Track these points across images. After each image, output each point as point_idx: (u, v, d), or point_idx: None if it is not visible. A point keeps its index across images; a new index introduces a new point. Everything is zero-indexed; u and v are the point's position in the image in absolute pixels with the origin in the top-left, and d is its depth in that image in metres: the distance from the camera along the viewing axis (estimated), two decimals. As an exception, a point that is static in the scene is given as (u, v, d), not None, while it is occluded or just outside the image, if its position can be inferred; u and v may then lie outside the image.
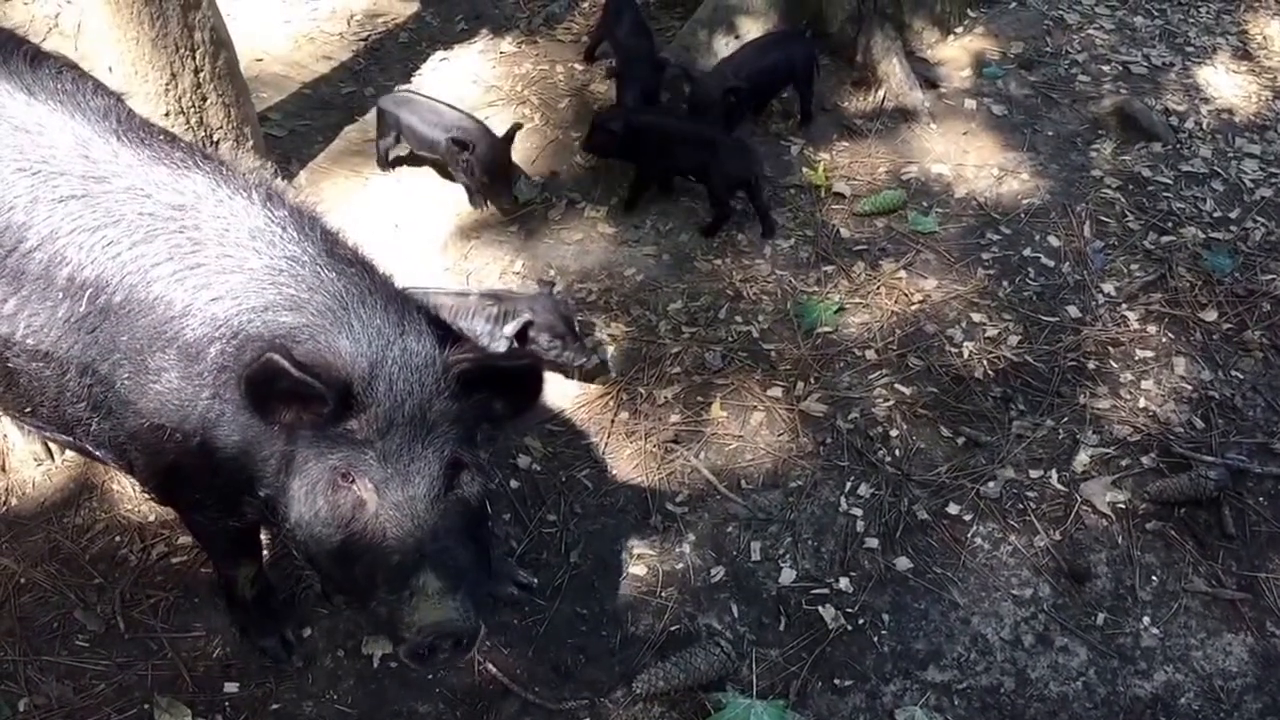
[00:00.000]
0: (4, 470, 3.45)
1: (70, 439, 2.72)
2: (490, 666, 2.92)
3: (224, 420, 2.34)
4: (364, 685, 2.93)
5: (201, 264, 2.33)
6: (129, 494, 3.37)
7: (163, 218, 2.38)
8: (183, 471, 2.49)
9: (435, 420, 2.18)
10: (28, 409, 2.65)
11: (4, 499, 3.37)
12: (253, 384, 2.06)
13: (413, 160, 4.52)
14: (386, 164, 4.56)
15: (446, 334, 2.36)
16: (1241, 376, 3.69)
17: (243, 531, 2.74)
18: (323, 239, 2.42)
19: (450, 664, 2.32)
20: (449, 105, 4.43)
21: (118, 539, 3.26)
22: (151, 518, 3.32)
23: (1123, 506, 3.29)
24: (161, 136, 2.63)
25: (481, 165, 4.21)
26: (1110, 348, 3.81)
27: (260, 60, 5.14)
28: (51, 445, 3.46)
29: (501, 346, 3.53)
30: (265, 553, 2.99)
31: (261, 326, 2.26)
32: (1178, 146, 4.68)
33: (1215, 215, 4.34)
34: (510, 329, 3.48)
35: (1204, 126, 4.80)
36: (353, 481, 2.18)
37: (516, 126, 4.35)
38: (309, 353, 2.17)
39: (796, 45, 4.75)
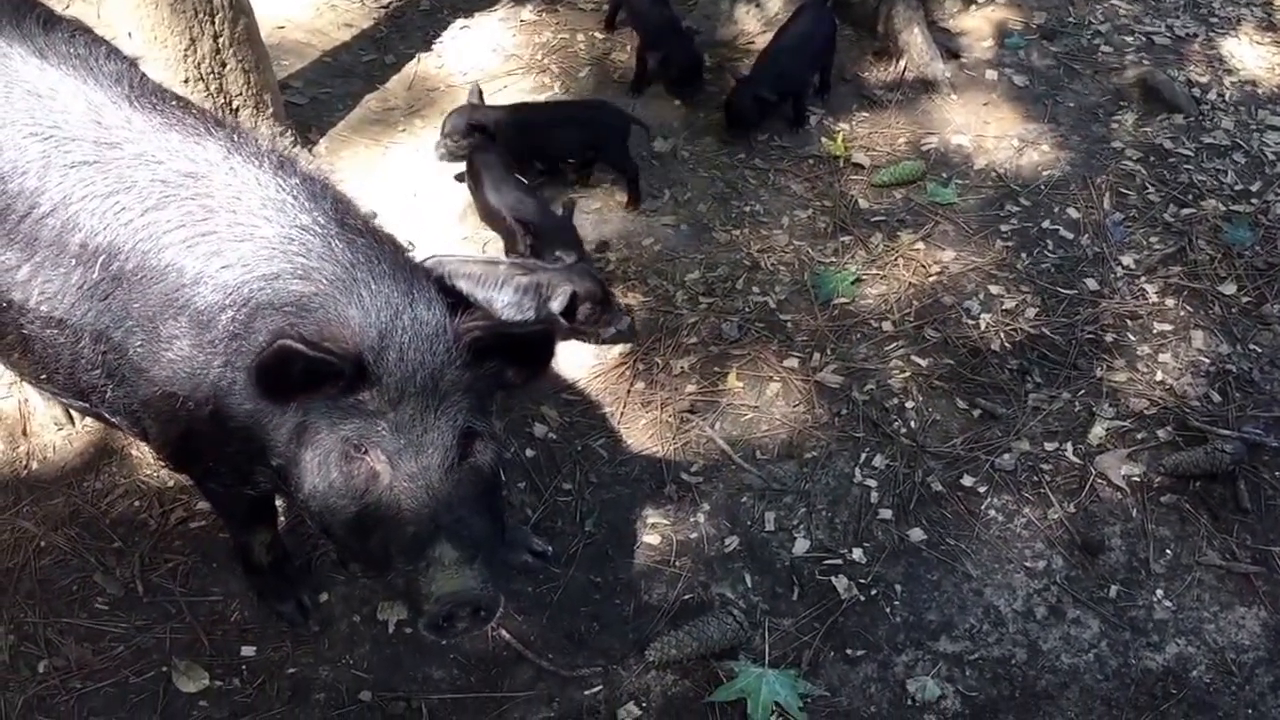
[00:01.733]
0: (25, 435, 3.49)
1: (86, 405, 2.73)
2: (504, 633, 2.94)
3: (235, 389, 2.33)
4: (379, 650, 2.96)
5: (213, 231, 2.32)
6: (148, 459, 3.39)
7: (174, 184, 2.37)
8: (195, 440, 2.50)
9: (447, 389, 2.17)
10: (43, 375, 2.66)
11: (25, 463, 3.40)
12: (265, 371, 2.05)
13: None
14: None
15: (457, 302, 2.35)
16: (1260, 350, 3.66)
17: (257, 499, 2.74)
18: (334, 208, 2.40)
19: (469, 633, 2.32)
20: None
21: (137, 503, 3.29)
22: (170, 483, 3.34)
23: (1138, 480, 3.28)
24: (174, 102, 2.62)
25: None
26: (1128, 320, 3.79)
27: (282, 28, 5.12)
28: (72, 410, 3.49)
29: (529, 316, 3.52)
30: (280, 519, 3.01)
31: (272, 295, 2.26)
32: (1200, 118, 4.62)
33: (1236, 188, 4.29)
34: (558, 304, 3.47)
35: (1227, 98, 4.74)
36: (365, 453, 2.17)
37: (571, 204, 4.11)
38: (319, 325, 2.17)
39: (826, 19, 4.70)
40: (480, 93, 4.57)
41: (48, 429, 3.48)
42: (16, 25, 2.60)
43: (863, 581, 3.07)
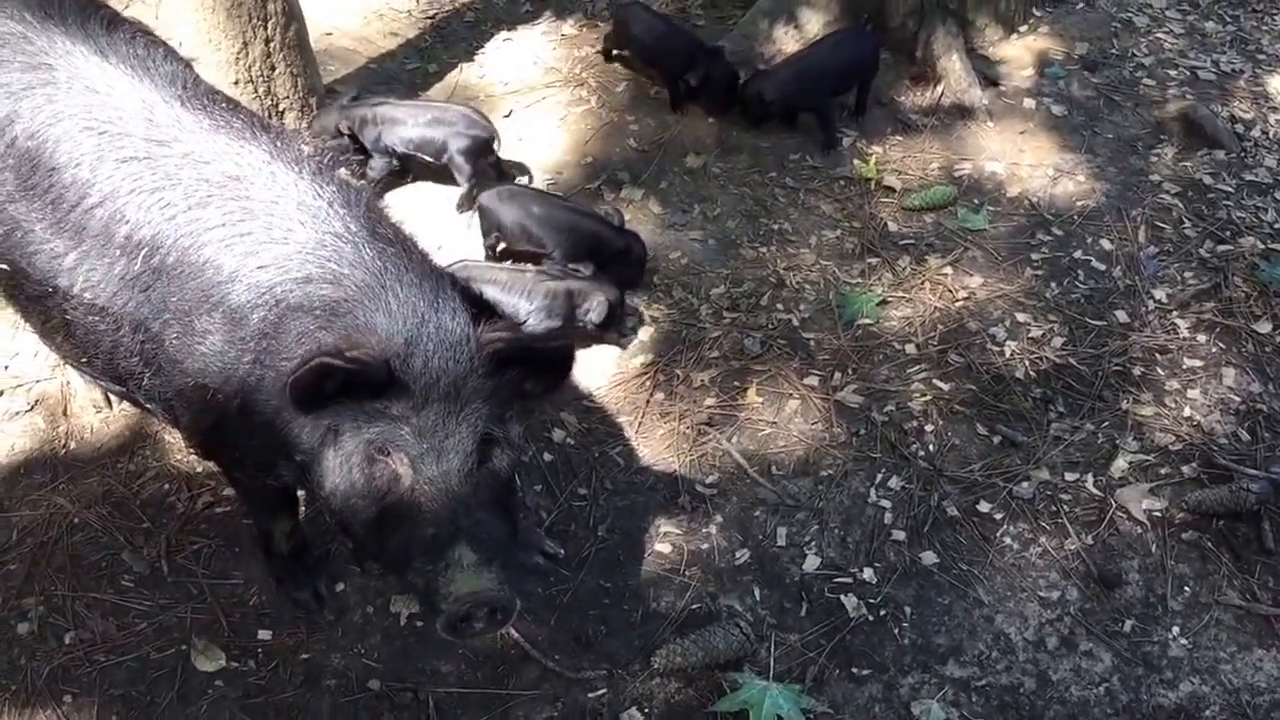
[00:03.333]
0: (66, 415, 3.59)
1: (124, 390, 2.82)
2: (513, 632, 2.98)
3: (263, 386, 2.40)
4: (390, 642, 3.00)
5: (250, 232, 2.40)
6: (179, 445, 3.48)
7: (217, 184, 2.45)
8: (223, 431, 2.57)
9: (469, 396, 2.22)
10: (84, 359, 2.76)
11: (64, 443, 3.50)
12: (301, 386, 2.11)
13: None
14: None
15: (481, 311, 2.41)
16: (1293, 391, 3.62)
17: (280, 489, 2.82)
18: (366, 216, 2.47)
19: (485, 634, 2.37)
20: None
21: (167, 486, 3.37)
22: (199, 469, 3.42)
23: (1159, 515, 3.25)
24: (224, 105, 2.71)
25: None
26: (1157, 355, 3.76)
27: (330, 34, 5.25)
28: (110, 395, 3.59)
29: (559, 323, 3.60)
30: (301, 509, 3.08)
31: (303, 297, 2.33)
32: (1242, 155, 4.59)
33: (1276, 226, 4.26)
34: (596, 315, 3.60)
35: (1271, 135, 4.70)
36: (388, 455, 2.23)
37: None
38: (347, 331, 2.23)
39: (864, 43, 4.74)
40: (356, 94, 4.60)
41: (87, 411, 3.58)
42: (81, 25, 2.71)
43: (872, 601, 3.07)
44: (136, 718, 2.83)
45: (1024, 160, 4.63)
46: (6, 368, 3.72)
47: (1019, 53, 5.21)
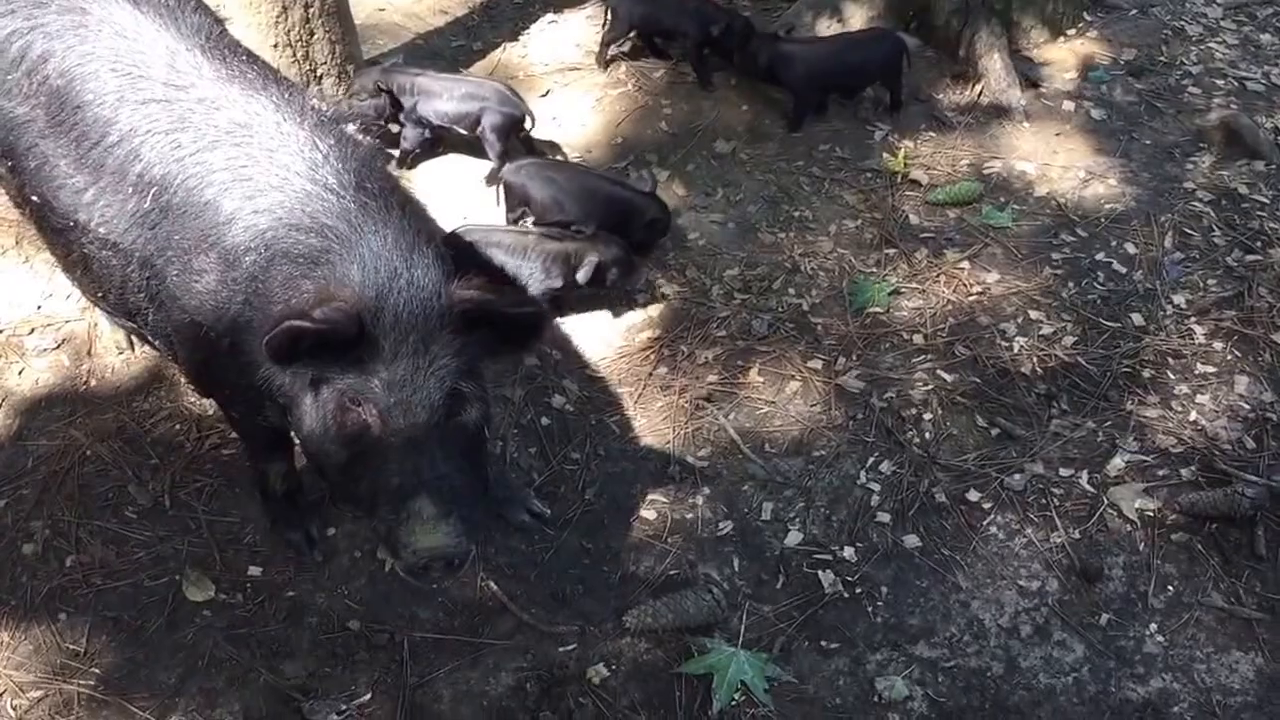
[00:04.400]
0: (90, 355, 3.75)
1: (134, 325, 2.96)
2: (492, 584, 3.04)
3: (251, 328, 2.49)
4: (374, 586, 3.09)
5: (250, 178, 2.50)
6: (193, 387, 3.61)
7: (225, 130, 2.56)
8: (215, 368, 2.69)
9: (438, 352, 2.29)
10: (99, 293, 2.90)
11: (85, 380, 3.66)
12: (276, 348, 2.20)
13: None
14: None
15: (481, 272, 2.46)
16: (1305, 402, 3.54)
17: (275, 431, 2.91)
18: (356, 170, 2.55)
19: (443, 580, 2.56)
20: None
21: (178, 426, 3.50)
22: (210, 411, 3.55)
23: (1151, 514, 3.21)
24: (244, 57, 2.82)
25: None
26: (1170, 359, 3.70)
27: (383, 10, 5.39)
28: (133, 337, 3.74)
29: (558, 283, 3.68)
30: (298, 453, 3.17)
31: (290, 244, 2.42)
32: (1281, 166, 4.49)
33: (1309, 239, 4.15)
34: (583, 275, 3.66)
35: (1315, 149, 4.58)
36: (359, 405, 2.31)
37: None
38: (324, 281, 2.31)
39: (880, 46, 4.75)
40: (400, 58, 4.68)
41: (110, 352, 3.73)
42: None
43: (849, 579, 3.08)
44: (125, 640, 2.95)
45: (1056, 161, 4.58)
46: (40, 307, 3.90)
47: (1064, 56, 5.15)
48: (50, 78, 2.71)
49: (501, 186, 4.14)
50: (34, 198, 2.81)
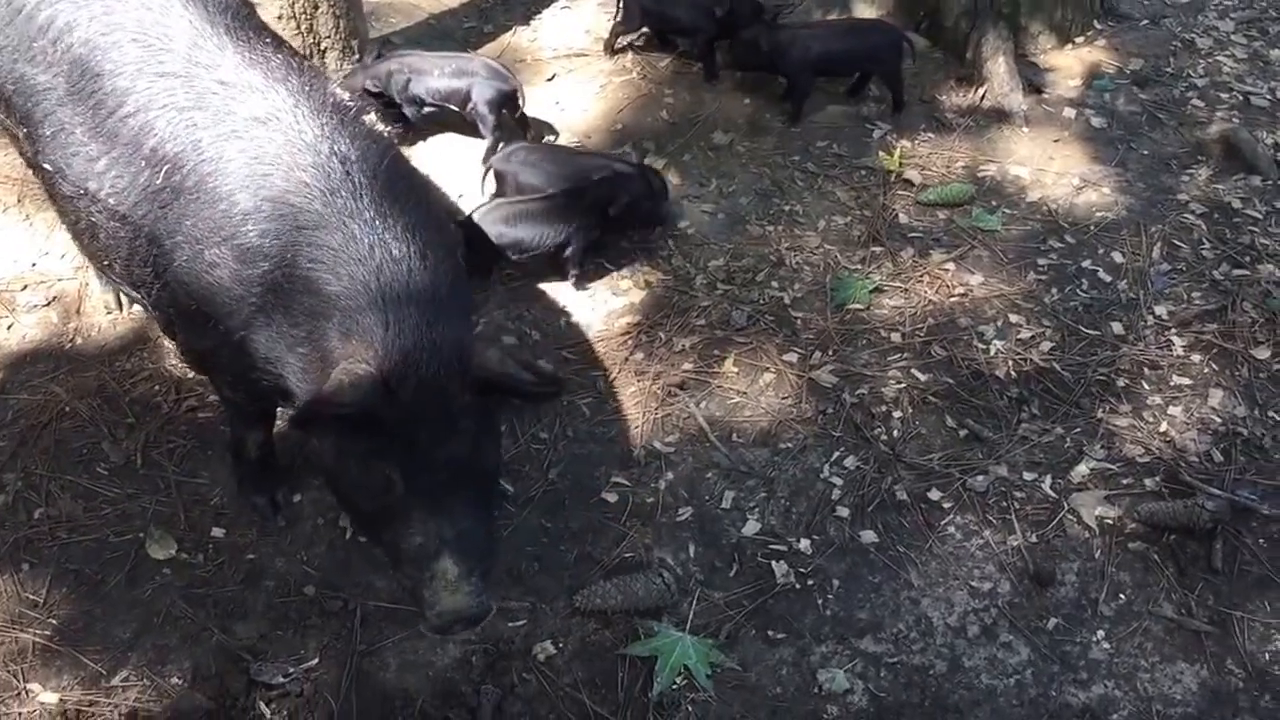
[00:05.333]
0: (78, 314, 3.82)
1: (139, 296, 2.96)
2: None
3: (264, 333, 2.50)
4: (333, 553, 3.14)
5: (269, 175, 2.48)
6: (175, 351, 3.67)
7: (244, 118, 2.54)
8: (218, 358, 2.70)
9: (459, 414, 2.32)
10: (105, 262, 2.91)
11: (71, 338, 3.73)
12: (302, 423, 2.33)
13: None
14: None
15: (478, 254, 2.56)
16: (1278, 418, 3.52)
17: (263, 409, 2.99)
18: (380, 181, 2.51)
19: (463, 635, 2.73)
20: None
21: (157, 387, 3.57)
22: (190, 374, 3.61)
23: (1110, 522, 3.20)
24: (268, 41, 2.80)
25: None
26: (1146, 369, 3.69)
27: (402, -12, 5.43)
28: (122, 298, 3.80)
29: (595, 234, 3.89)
30: (278, 423, 3.21)
31: (311, 272, 2.40)
32: (1279, 183, 4.44)
33: (1300, 256, 4.12)
34: (615, 209, 3.84)
35: (1315, 167, 4.54)
36: (382, 461, 2.31)
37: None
38: (345, 333, 2.33)
39: (876, 35, 4.74)
40: (378, 51, 4.60)
41: (98, 312, 3.81)
42: None
43: (802, 571, 3.09)
44: (85, 593, 3.01)
45: (1051, 167, 4.56)
46: (34, 265, 3.97)
47: (1070, 63, 5.12)
48: (73, 46, 2.70)
49: (492, 174, 4.16)
50: (46, 165, 2.81)
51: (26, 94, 2.79)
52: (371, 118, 2.94)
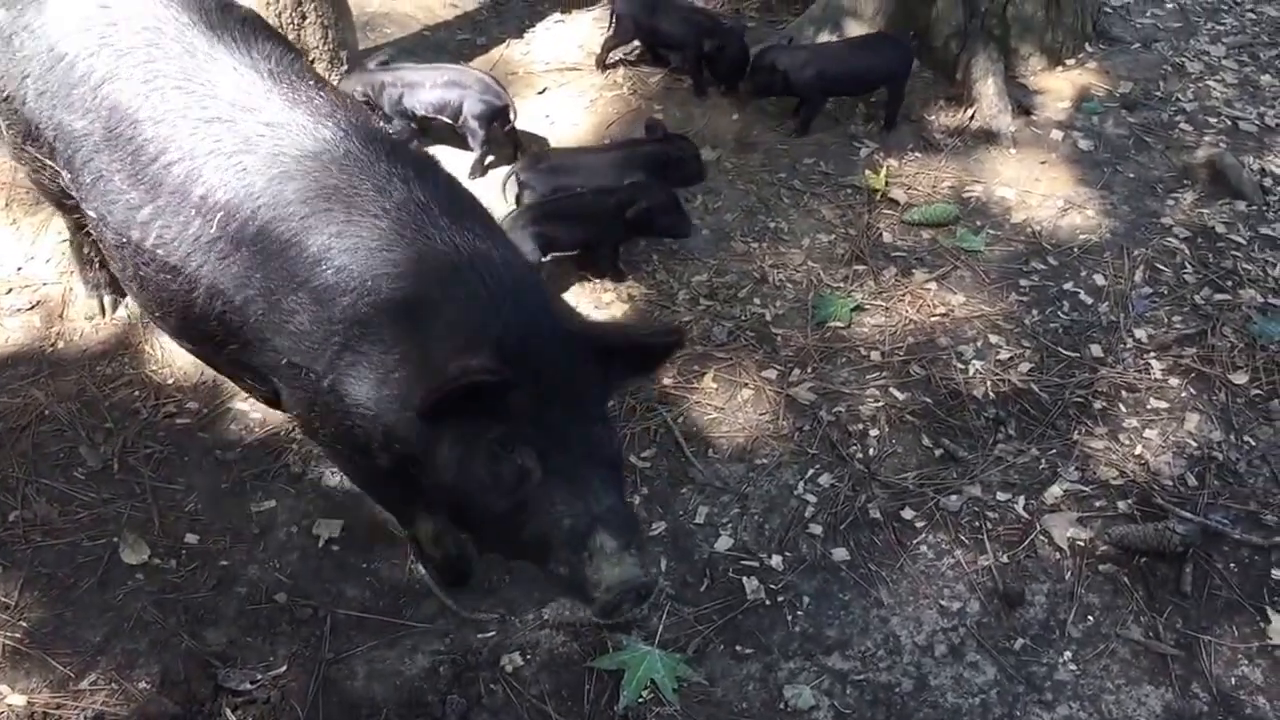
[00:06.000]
0: (61, 318, 3.84)
1: (197, 350, 2.86)
2: (420, 569, 3.09)
3: (355, 371, 2.42)
4: (306, 560, 3.15)
5: (330, 211, 2.43)
6: (157, 356, 3.70)
7: (294, 158, 2.51)
8: (318, 409, 2.57)
9: (581, 388, 2.31)
10: (158, 314, 2.83)
11: (54, 342, 3.75)
12: (431, 407, 2.20)
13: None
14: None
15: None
16: (1254, 444, 3.52)
17: (396, 477, 2.71)
18: (447, 199, 2.50)
19: (631, 614, 2.58)
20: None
21: (136, 393, 3.59)
22: (170, 380, 3.63)
23: (1081, 544, 3.20)
24: (312, 82, 2.78)
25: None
26: (1123, 391, 3.70)
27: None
28: (105, 304, 3.81)
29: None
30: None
31: (395, 288, 2.36)
32: (1263, 209, 4.46)
33: (1281, 282, 4.13)
34: (633, 213, 3.86)
35: (1299, 194, 4.56)
36: (513, 450, 2.25)
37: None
38: (461, 334, 2.27)
39: (892, 50, 4.77)
40: (386, 58, 4.66)
41: (81, 318, 3.82)
42: (199, 6, 2.83)
43: (773, 587, 3.10)
44: (56, 596, 3.02)
45: (1037, 189, 4.58)
46: (20, 269, 4.00)
47: (1060, 85, 5.15)
48: (113, 92, 2.67)
49: (515, 184, 4.15)
50: (90, 212, 2.77)
51: (66, 141, 2.75)
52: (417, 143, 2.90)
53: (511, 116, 4.48)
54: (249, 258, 2.48)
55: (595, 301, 3.99)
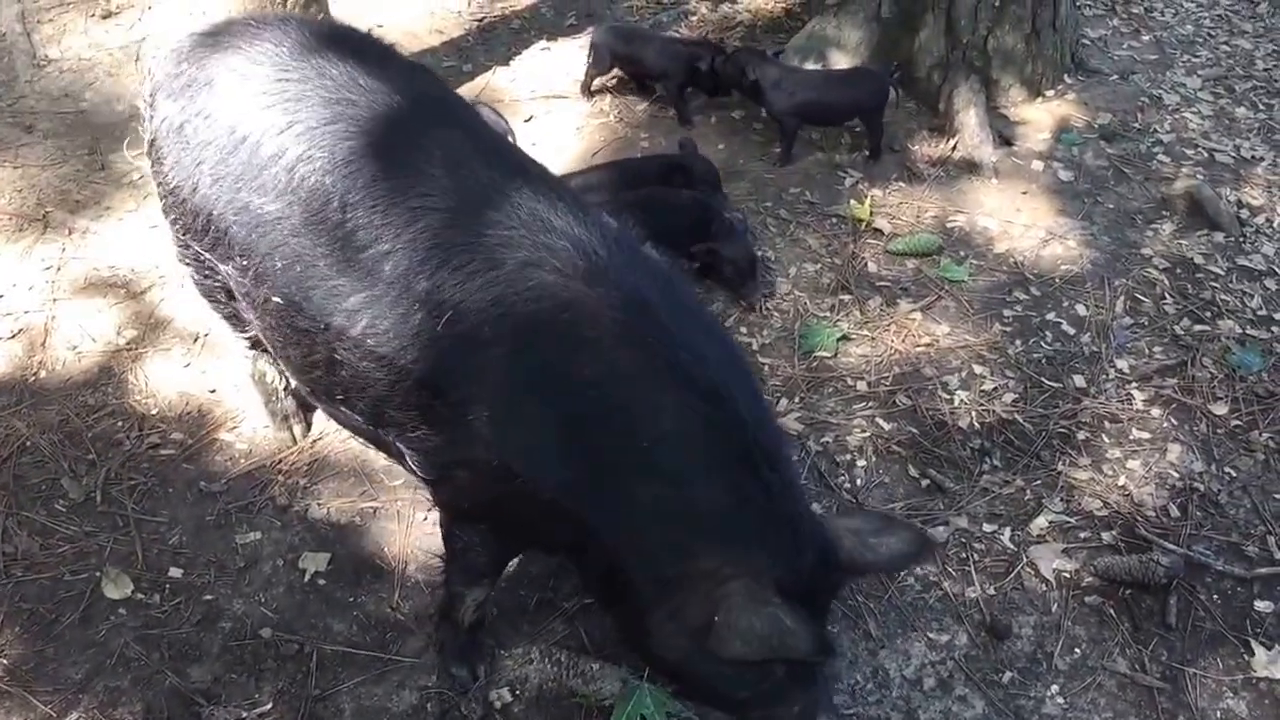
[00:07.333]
0: (43, 347, 3.81)
1: (371, 429, 2.66)
2: (406, 607, 3.07)
3: (575, 495, 2.35)
4: (291, 595, 3.12)
5: (584, 337, 2.30)
6: (141, 386, 3.67)
7: (525, 265, 2.33)
8: (507, 513, 2.51)
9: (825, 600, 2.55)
10: (339, 396, 2.61)
11: (35, 372, 3.72)
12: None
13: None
14: None
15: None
16: (1235, 474, 3.56)
17: (507, 555, 2.89)
18: (685, 321, 2.40)
19: None
20: None
21: (120, 424, 3.55)
22: (154, 411, 3.60)
23: (1067, 576, 3.22)
24: (535, 171, 2.60)
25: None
26: (1106, 422, 3.73)
27: (380, 26, 5.47)
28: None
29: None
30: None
31: (667, 468, 2.30)
32: (1241, 240, 4.53)
33: (1259, 313, 4.18)
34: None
35: (1275, 225, 4.63)
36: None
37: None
38: (737, 587, 2.27)
39: (866, 82, 4.82)
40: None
41: (63, 347, 3.79)
42: (389, 74, 2.65)
43: (761, 620, 3.09)
44: (38, 632, 2.97)
45: (1019, 220, 4.63)
46: (2, 296, 3.96)
47: (1041, 116, 5.22)
48: (311, 175, 2.47)
49: None
50: (275, 298, 2.55)
51: (250, 225, 2.55)
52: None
53: (511, 141, 4.49)
54: (478, 354, 2.35)
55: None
